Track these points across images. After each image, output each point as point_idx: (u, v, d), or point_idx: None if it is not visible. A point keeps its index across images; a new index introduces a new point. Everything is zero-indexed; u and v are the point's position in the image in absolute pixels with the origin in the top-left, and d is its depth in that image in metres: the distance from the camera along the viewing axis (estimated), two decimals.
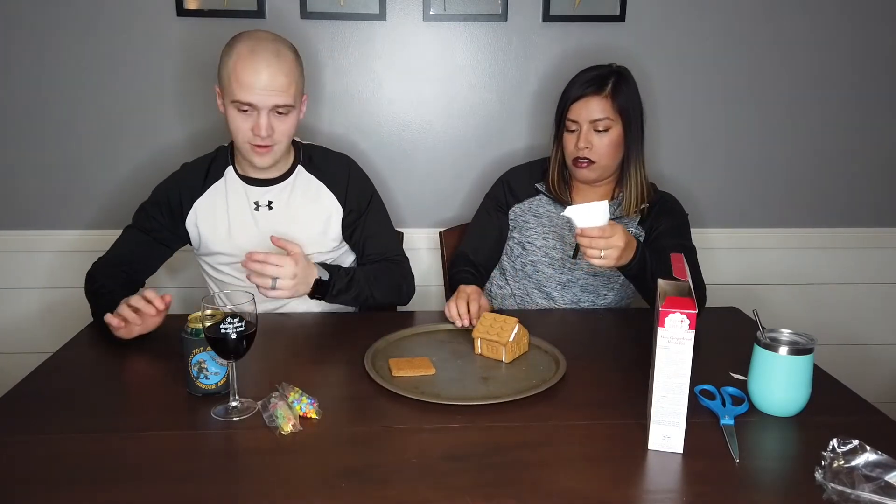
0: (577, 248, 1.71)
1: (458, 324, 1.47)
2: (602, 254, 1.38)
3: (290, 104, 1.47)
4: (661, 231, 1.67)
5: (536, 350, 1.40)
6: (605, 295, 1.75)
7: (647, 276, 1.47)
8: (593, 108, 1.60)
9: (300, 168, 1.62)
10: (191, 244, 1.65)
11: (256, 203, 1.57)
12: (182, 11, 1.97)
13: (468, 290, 1.54)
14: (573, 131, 1.64)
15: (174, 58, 2.01)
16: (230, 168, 1.60)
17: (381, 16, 2.02)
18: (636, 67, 2.07)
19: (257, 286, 1.38)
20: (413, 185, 2.17)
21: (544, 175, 1.77)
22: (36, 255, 2.13)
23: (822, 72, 2.12)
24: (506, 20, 2.04)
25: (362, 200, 1.66)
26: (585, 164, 1.64)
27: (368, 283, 1.55)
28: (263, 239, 1.52)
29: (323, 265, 1.51)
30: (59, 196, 2.10)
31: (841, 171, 2.21)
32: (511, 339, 1.32)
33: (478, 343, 1.37)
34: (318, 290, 1.46)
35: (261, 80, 1.42)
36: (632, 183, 1.68)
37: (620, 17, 2.04)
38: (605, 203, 1.36)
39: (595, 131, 1.61)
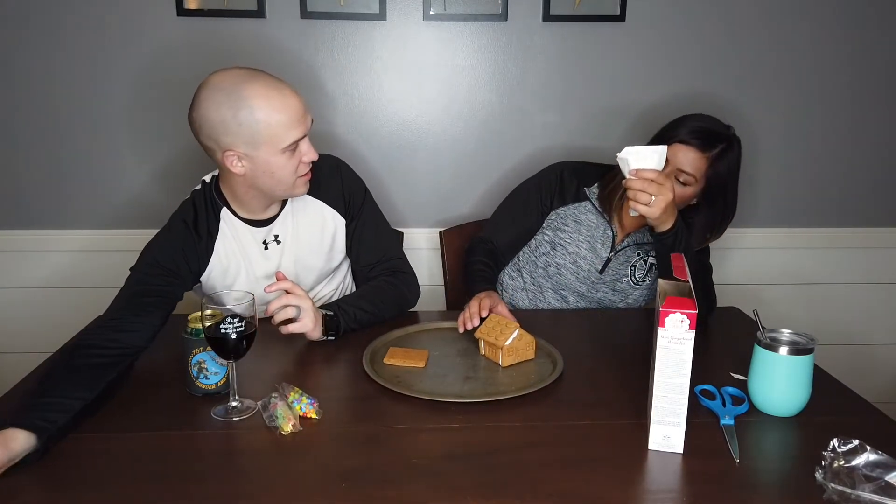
0: (605, 264, 1.69)
1: (461, 329, 1.46)
2: (652, 199, 1.34)
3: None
4: None
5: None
6: (617, 308, 1.75)
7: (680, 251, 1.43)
8: (688, 160, 1.52)
9: None
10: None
11: (265, 242, 1.53)
12: (182, 11, 1.97)
13: (495, 299, 1.51)
14: None
15: (174, 58, 2.01)
16: (225, 210, 1.49)
17: (381, 16, 2.01)
18: (636, 67, 2.08)
19: (281, 324, 1.37)
20: (413, 185, 2.17)
21: (598, 181, 1.69)
22: (36, 255, 2.13)
23: (820, 73, 2.12)
24: (506, 20, 2.04)
25: (357, 203, 1.61)
26: None
27: (374, 303, 1.52)
28: (277, 271, 1.51)
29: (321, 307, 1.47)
30: (60, 196, 2.10)
31: (841, 170, 2.21)
32: (507, 343, 1.31)
33: (481, 344, 1.37)
34: (331, 327, 1.43)
35: (297, 108, 1.35)
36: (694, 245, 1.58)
37: (620, 17, 2.04)
38: (664, 148, 1.33)
39: (675, 178, 1.54)
